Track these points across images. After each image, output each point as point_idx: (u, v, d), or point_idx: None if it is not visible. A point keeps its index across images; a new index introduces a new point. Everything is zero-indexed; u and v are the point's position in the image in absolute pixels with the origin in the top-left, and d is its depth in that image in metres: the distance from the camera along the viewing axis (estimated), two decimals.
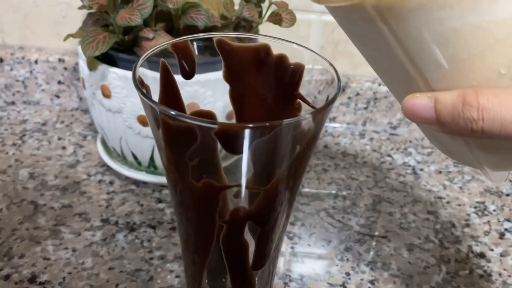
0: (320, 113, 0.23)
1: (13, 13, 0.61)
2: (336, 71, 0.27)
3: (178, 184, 0.26)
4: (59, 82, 0.64)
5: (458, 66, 0.22)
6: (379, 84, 0.64)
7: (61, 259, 0.44)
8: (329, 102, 0.24)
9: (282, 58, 0.29)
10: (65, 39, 0.48)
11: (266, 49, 0.29)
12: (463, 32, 0.21)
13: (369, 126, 0.67)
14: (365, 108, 0.66)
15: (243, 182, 0.25)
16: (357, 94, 0.65)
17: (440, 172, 0.59)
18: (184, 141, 0.23)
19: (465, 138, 0.26)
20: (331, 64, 0.27)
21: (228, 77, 0.31)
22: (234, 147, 0.23)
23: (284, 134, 0.23)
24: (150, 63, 0.27)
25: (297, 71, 0.29)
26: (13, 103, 0.65)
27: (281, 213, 0.28)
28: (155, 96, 0.27)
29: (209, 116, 0.32)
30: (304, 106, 0.30)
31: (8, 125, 0.61)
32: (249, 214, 0.26)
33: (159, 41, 0.43)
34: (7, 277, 0.42)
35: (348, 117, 0.66)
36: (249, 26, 0.47)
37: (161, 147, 0.25)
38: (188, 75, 0.29)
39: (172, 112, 0.22)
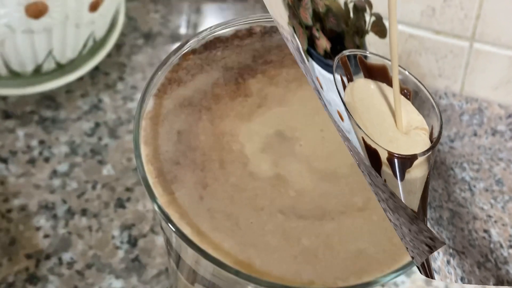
0: (435, 148, 0.27)
1: None
2: (437, 107, 0.29)
3: None
4: None
5: None
6: (439, 97, 0.54)
7: None
8: (438, 138, 0.27)
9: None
10: None
11: (385, 70, 0.29)
12: None
13: None
14: None
15: None
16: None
17: (487, 190, 0.50)
18: None
19: None
20: (432, 97, 0.29)
21: None
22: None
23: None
24: None
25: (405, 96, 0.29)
26: None
27: None
28: None
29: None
30: None
31: None
32: None
33: None
34: None
35: None
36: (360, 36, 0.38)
37: None
38: None
39: None
